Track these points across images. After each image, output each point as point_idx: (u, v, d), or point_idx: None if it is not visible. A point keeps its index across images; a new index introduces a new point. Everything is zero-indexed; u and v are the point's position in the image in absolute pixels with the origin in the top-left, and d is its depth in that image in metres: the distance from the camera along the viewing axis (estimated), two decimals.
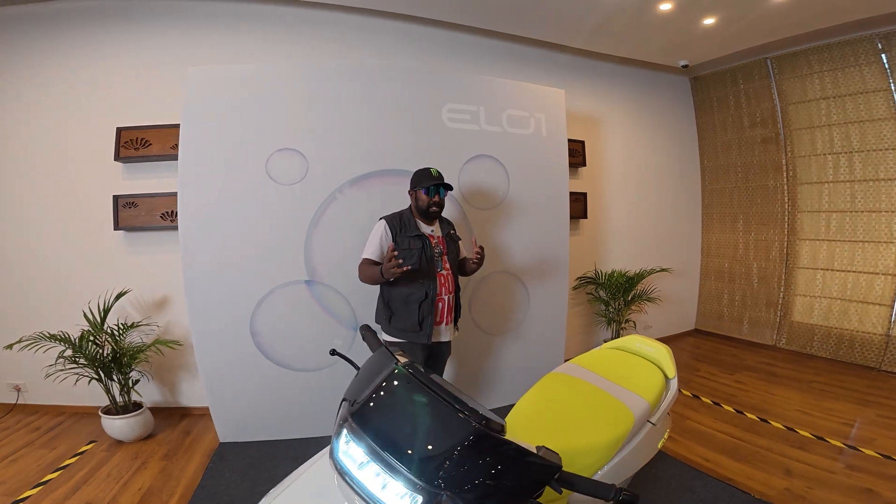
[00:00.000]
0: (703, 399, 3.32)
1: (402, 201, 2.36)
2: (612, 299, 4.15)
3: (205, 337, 2.60)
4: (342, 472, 0.90)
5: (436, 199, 2.22)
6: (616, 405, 1.63)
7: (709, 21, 3.45)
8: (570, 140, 3.94)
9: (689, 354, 4.45)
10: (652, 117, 4.70)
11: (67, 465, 2.42)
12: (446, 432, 0.89)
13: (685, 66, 4.39)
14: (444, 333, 2.29)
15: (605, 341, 4.08)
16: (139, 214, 2.94)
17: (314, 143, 2.66)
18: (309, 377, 2.72)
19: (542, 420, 1.57)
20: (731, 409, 3.14)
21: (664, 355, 1.97)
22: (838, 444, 2.59)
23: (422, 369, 1.02)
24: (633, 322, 4.33)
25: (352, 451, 0.90)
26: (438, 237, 2.30)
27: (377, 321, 2.31)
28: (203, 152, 2.52)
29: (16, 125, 2.96)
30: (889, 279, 3.68)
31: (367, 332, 1.41)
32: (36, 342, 2.54)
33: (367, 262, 2.19)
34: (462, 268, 2.40)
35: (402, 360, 1.08)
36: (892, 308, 3.66)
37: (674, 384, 1.90)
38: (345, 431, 0.91)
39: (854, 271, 3.90)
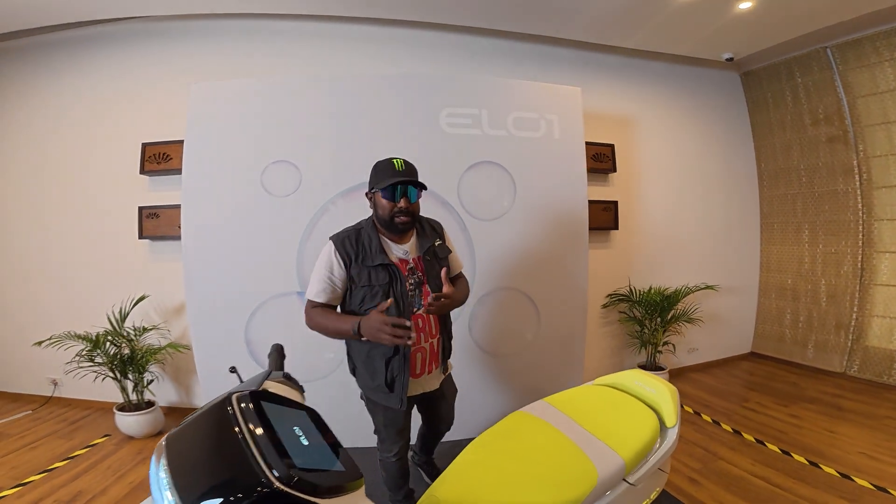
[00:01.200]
0: (745, 436, 2.87)
1: None
2: (648, 319, 3.78)
3: (204, 343, 2.68)
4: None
5: (402, 204, 1.55)
6: (579, 459, 1.37)
7: (745, 5, 3.08)
8: (595, 143, 3.71)
9: (740, 381, 3.93)
10: (696, 117, 4.28)
11: (76, 456, 2.60)
12: (236, 483, 0.75)
13: (730, 60, 3.96)
14: (428, 383, 1.75)
15: (640, 366, 3.81)
16: (160, 225, 3.15)
17: (307, 155, 2.68)
18: None
19: (483, 470, 1.36)
20: (776, 448, 2.68)
21: (666, 398, 1.65)
22: None
23: (262, 403, 0.87)
24: (673, 345, 3.90)
25: (160, 481, 0.81)
26: (414, 259, 1.67)
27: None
28: (204, 166, 2.64)
29: (53, 143, 3.31)
30: None
31: (273, 352, 1.27)
32: (60, 340, 2.78)
33: (314, 308, 1.60)
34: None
35: (272, 387, 0.98)
36: None
37: (672, 434, 1.58)
38: (160, 458, 0.82)
39: None
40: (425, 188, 1.65)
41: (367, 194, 1.70)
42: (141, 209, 3.16)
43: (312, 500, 0.74)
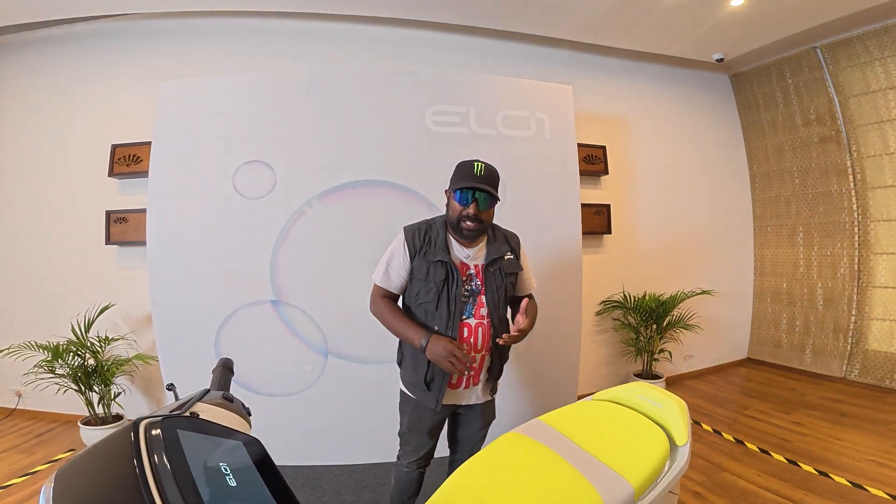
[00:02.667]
0: (749, 445, 2.74)
1: (380, 217, 2.05)
2: (643, 326, 3.66)
3: (171, 355, 2.50)
4: None
5: (471, 210, 1.50)
6: (580, 486, 1.21)
7: (736, 2, 3.03)
8: (587, 145, 3.62)
9: (738, 389, 3.82)
10: (687, 119, 4.22)
11: (36, 472, 2.43)
12: None
13: (720, 61, 3.92)
14: (465, 397, 1.66)
15: (636, 374, 3.68)
16: (128, 230, 2.98)
17: (283, 154, 2.54)
18: (277, 402, 2.53)
19: (472, 499, 1.19)
20: (782, 458, 2.56)
21: (675, 414, 1.50)
22: None
23: (180, 430, 0.71)
24: (669, 352, 3.78)
25: None
26: (476, 266, 1.62)
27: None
28: (173, 166, 2.49)
29: (18, 144, 3.16)
30: None
31: (217, 367, 1.09)
32: (19, 350, 2.61)
33: (379, 293, 1.65)
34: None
35: (205, 410, 0.80)
36: None
37: (683, 453, 1.42)
38: (48, 497, 0.66)
39: None
40: (497, 199, 1.57)
41: (445, 191, 1.65)
42: (108, 213, 3.00)
43: None
